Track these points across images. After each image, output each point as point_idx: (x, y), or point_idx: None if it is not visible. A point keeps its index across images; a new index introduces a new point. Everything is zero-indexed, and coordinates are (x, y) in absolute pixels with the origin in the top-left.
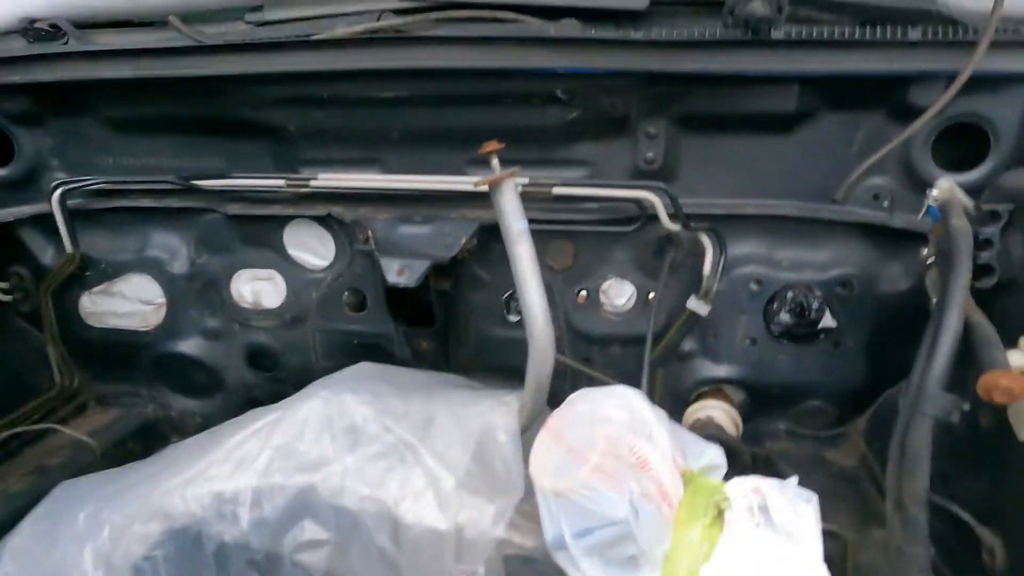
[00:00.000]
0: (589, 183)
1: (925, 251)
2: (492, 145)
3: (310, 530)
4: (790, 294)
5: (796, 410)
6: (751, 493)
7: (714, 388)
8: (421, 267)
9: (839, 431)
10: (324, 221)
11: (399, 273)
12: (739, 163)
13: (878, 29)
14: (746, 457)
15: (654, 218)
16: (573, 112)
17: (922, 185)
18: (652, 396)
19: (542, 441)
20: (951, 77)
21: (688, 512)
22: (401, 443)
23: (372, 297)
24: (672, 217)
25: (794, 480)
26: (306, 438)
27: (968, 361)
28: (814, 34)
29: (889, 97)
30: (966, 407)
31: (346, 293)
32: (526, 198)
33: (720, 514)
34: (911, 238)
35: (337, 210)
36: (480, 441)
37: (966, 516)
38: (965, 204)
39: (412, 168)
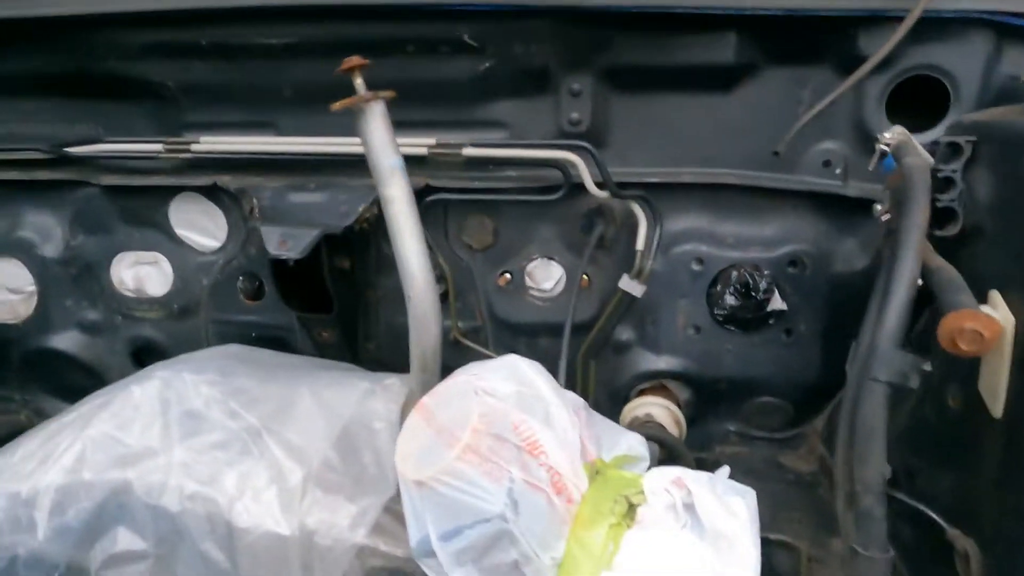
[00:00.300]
0: (502, 144)
1: (879, 207)
2: (355, 60)
3: (124, 539)
4: (735, 274)
5: (747, 408)
6: (673, 488)
7: (656, 384)
8: (308, 237)
9: (795, 432)
10: (211, 193)
11: (281, 244)
12: (676, 127)
13: None
14: (689, 460)
15: (580, 187)
16: (485, 62)
17: None
18: (586, 392)
19: (411, 423)
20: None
21: (593, 509)
22: (247, 431)
23: (270, 283)
24: (600, 186)
25: (725, 472)
26: (134, 427)
27: (930, 325)
28: None
29: (836, 47)
30: (927, 367)
31: (241, 279)
32: (434, 163)
33: (631, 511)
34: (868, 210)
35: (224, 179)
36: (348, 429)
37: (935, 517)
38: (923, 153)
39: (310, 132)
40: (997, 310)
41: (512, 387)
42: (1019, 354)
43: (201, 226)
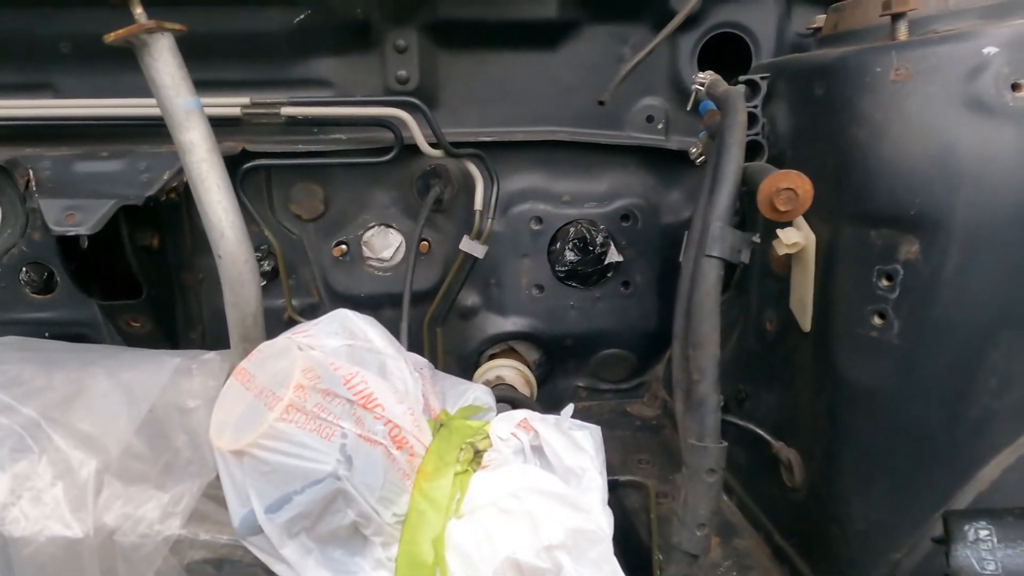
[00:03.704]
0: (326, 101)
1: (694, 150)
2: None
3: None
4: (572, 230)
5: (593, 362)
6: (520, 431)
7: (504, 348)
8: (101, 209)
9: (639, 381)
10: None
11: (68, 217)
12: (506, 85)
13: None
14: None
15: (414, 148)
16: (301, 13)
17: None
18: (435, 360)
19: (227, 391)
20: None
21: (437, 459)
22: (23, 425)
23: (61, 270)
24: (434, 146)
25: (569, 410)
26: None
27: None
28: None
29: (651, 5)
30: (756, 239)
31: (24, 270)
32: (251, 126)
33: (478, 457)
34: (689, 162)
35: None
36: (155, 412)
37: (762, 433)
38: None
39: (98, 93)
40: (800, 230)
41: (341, 341)
42: (821, 269)
43: None
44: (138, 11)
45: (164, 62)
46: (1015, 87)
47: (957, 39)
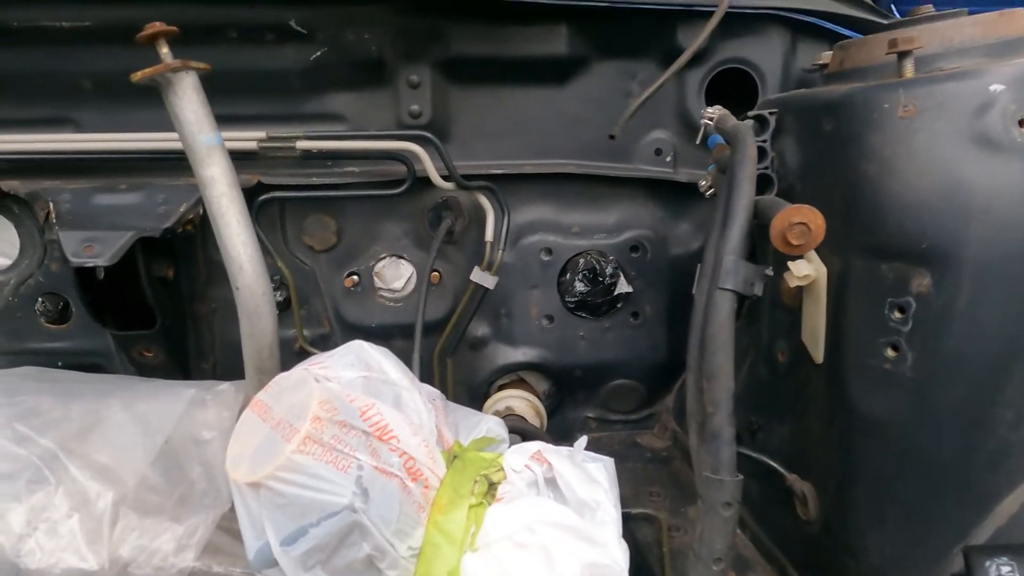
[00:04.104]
0: (340, 136)
1: (703, 183)
2: (158, 26)
3: None
4: (582, 261)
5: (603, 393)
6: (534, 463)
7: (514, 378)
8: (118, 241)
9: (649, 412)
10: None
11: (86, 249)
12: (516, 120)
13: None
14: None
15: (426, 181)
16: (317, 51)
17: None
18: (444, 391)
19: (244, 422)
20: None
21: (452, 492)
22: (40, 457)
23: (77, 301)
24: (446, 178)
25: (583, 443)
26: None
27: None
28: None
29: (658, 41)
30: (769, 272)
31: (40, 300)
32: (266, 159)
33: (492, 489)
34: (697, 195)
35: (11, 183)
36: (171, 443)
37: (776, 466)
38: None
39: (118, 128)
40: (812, 263)
41: (357, 372)
42: (833, 301)
43: None
44: (164, 51)
45: (188, 99)
46: (1022, 123)
47: (964, 76)
